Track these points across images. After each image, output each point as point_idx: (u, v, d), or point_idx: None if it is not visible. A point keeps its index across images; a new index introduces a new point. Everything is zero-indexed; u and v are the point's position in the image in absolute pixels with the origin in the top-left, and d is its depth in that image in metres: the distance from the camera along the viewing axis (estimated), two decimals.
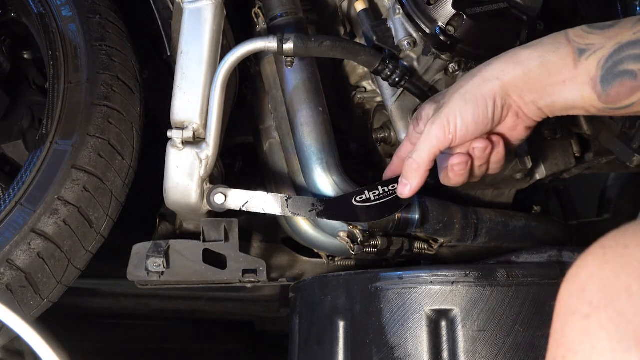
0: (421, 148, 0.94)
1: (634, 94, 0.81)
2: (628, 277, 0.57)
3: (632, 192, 1.65)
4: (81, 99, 1.16)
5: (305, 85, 1.17)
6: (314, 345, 1.12)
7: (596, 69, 0.82)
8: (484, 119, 0.90)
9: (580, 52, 0.83)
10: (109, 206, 1.14)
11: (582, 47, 0.83)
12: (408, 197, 1.01)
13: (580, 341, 0.58)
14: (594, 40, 0.83)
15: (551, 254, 1.10)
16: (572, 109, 0.87)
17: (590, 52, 0.83)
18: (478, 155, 0.94)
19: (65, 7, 1.24)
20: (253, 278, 1.16)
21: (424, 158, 0.94)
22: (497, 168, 0.98)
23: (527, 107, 0.89)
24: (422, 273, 1.02)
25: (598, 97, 0.83)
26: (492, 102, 0.89)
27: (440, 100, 0.94)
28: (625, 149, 1.09)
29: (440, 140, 0.92)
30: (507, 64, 0.89)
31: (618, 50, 0.80)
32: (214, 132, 1.05)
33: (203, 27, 1.05)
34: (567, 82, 0.84)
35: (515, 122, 0.92)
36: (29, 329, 0.80)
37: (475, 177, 0.99)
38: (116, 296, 1.79)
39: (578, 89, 0.84)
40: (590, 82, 0.82)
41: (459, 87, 0.92)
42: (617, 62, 0.80)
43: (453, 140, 0.92)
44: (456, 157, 0.95)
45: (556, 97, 0.86)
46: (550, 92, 0.86)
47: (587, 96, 0.83)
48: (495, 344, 0.98)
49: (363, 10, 1.14)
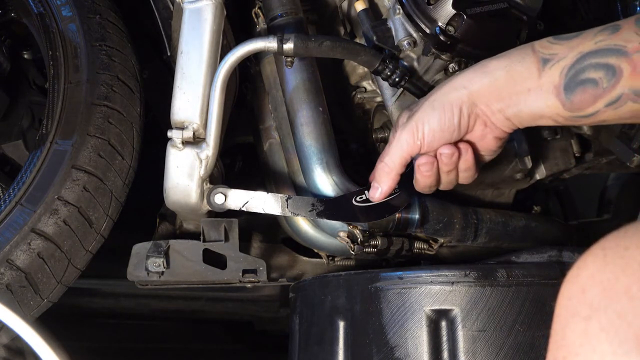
0: (392, 153, 0.98)
1: (596, 101, 0.82)
2: (628, 279, 0.57)
3: (632, 192, 1.65)
4: (81, 99, 1.16)
5: (305, 85, 1.17)
6: (314, 345, 1.12)
7: (559, 78, 0.84)
8: (449, 126, 0.93)
9: (544, 62, 0.86)
10: (109, 206, 1.14)
11: (546, 57, 0.86)
12: (379, 201, 1.04)
13: (580, 343, 0.58)
14: (558, 50, 0.85)
15: (551, 254, 1.10)
16: (539, 119, 0.89)
17: (554, 61, 0.85)
18: (445, 161, 0.96)
19: (65, 7, 1.24)
20: (253, 278, 1.16)
21: (395, 162, 0.98)
22: (468, 177, 1.00)
23: (494, 116, 0.91)
24: (422, 273, 1.02)
25: (562, 105, 0.85)
26: (457, 110, 0.92)
27: (414, 108, 0.98)
28: (625, 149, 1.09)
29: (410, 145, 0.95)
30: (475, 74, 0.91)
31: (580, 59, 0.83)
32: (214, 132, 1.05)
33: (203, 27, 1.05)
34: (532, 91, 0.86)
35: (483, 132, 0.94)
36: (29, 329, 0.80)
37: (445, 183, 1.01)
38: (116, 296, 1.79)
39: (543, 98, 0.86)
40: (554, 90, 0.85)
41: (429, 95, 0.96)
42: (579, 71, 0.83)
43: (422, 146, 0.95)
44: (423, 157, 0.97)
45: (522, 106, 0.88)
46: (516, 101, 0.88)
47: (552, 105, 0.85)
48: (495, 344, 0.98)
49: (363, 10, 1.14)
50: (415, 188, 1.03)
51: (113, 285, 1.75)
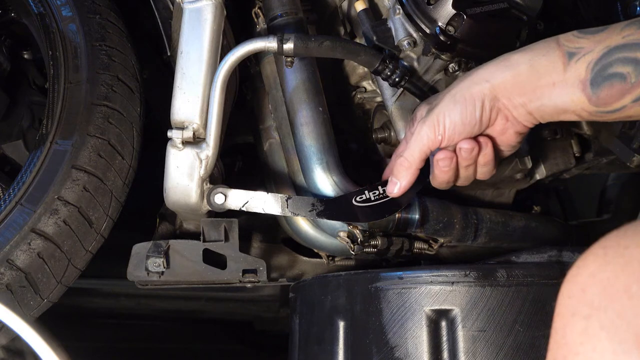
0: (412, 147, 0.96)
1: (623, 96, 0.81)
2: (628, 278, 0.57)
3: (632, 192, 1.64)
4: (81, 99, 1.16)
5: (305, 85, 1.17)
6: (314, 345, 1.12)
7: (586, 72, 0.83)
8: (471, 120, 0.91)
9: (570, 56, 0.84)
10: (109, 206, 1.14)
11: (571, 51, 0.84)
12: (397, 196, 1.02)
13: (580, 342, 0.58)
14: (584, 44, 0.84)
15: (551, 254, 1.10)
16: (563, 113, 0.87)
17: (580, 55, 0.83)
18: (464, 155, 0.95)
19: (65, 7, 1.24)
20: (253, 278, 1.16)
21: (415, 157, 0.96)
22: (486, 172, 0.99)
23: (516, 110, 0.90)
24: (422, 273, 1.02)
25: (588, 99, 0.83)
26: (480, 104, 0.90)
27: (433, 102, 0.96)
28: (625, 149, 1.09)
29: (430, 139, 0.94)
30: (498, 67, 0.90)
31: (607, 54, 0.81)
32: (214, 132, 1.05)
33: (203, 27, 1.05)
34: (556, 85, 0.85)
35: (504, 126, 0.93)
36: (29, 329, 0.80)
37: (463, 179, 1.00)
38: (116, 296, 1.79)
39: (568, 92, 0.84)
40: (580, 84, 0.83)
41: (450, 88, 0.94)
42: (606, 65, 0.81)
43: (442, 140, 0.93)
44: (441, 152, 0.96)
45: (545, 100, 0.87)
46: (539, 94, 0.87)
47: (577, 99, 0.84)
48: (495, 344, 0.98)
49: (363, 10, 1.14)
50: (431, 184, 1.01)
51: (113, 285, 1.75)
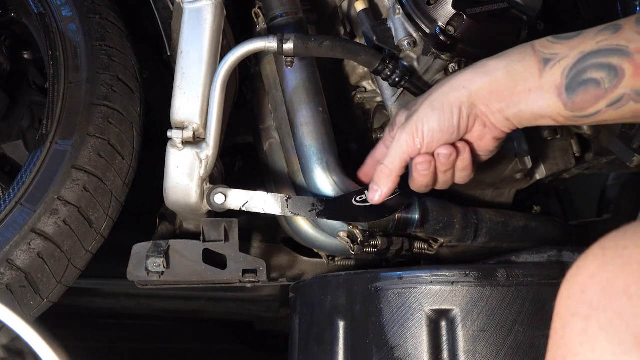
0: (392, 154, 0.97)
1: (598, 101, 0.82)
2: (627, 278, 0.57)
3: (632, 192, 1.64)
4: (81, 99, 1.16)
5: (305, 85, 1.17)
6: (314, 346, 1.12)
7: (561, 78, 0.84)
8: (449, 127, 0.92)
9: (545, 62, 0.85)
10: (109, 206, 1.14)
11: (547, 57, 0.85)
12: (378, 203, 1.02)
13: (580, 342, 0.58)
14: (559, 50, 0.85)
15: (551, 254, 1.10)
16: (540, 119, 0.88)
17: (555, 61, 0.84)
18: (443, 161, 0.96)
19: (65, 7, 1.24)
20: (253, 278, 1.16)
21: (395, 165, 0.97)
22: (464, 176, 0.99)
23: (494, 116, 0.91)
24: (422, 273, 1.02)
25: (564, 105, 0.84)
26: (457, 110, 0.91)
27: (412, 108, 0.97)
28: (625, 149, 1.09)
29: (410, 146, 0.95)
30: (475, 74, 0.91)
31: (581, 59, 0.82)
32: (214, 132, 1.05)
33: (203, 27, 1.05)
34: (532, 91, 0.86)
35: (482, 132, 0.94)
36: (29, 329, 0.80)
37: (441, 182, 1.00)
38: (116, 296, 1.79)
39: (544, 98, 0.85)
40: (556, 90, 0.84)
41: (428, 94, 0.95)
42: (580, 71, 0.82)
43: (421, 147, 0.94)
44: (420, 157, 0.96)
45: (522, 107, 0.88)
46: (516, 101, 0.88)
47: (553, 105, 0.85)
48: (495, 344, 0.98)
49: (363, 10, 1.14)
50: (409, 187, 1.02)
51: (113, 285, 1.75)
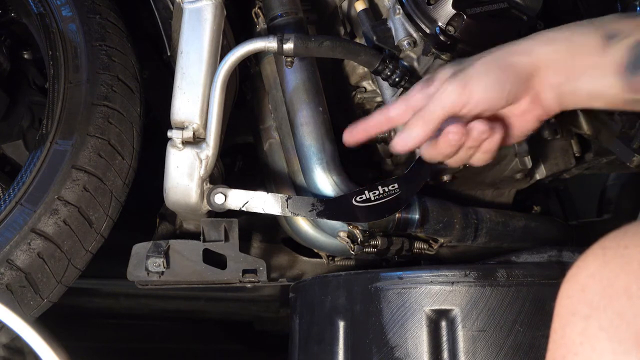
0: (435, 103, 0.86)
1: None
2: (628, 277, 0.57)
3: (632, 192, 1.64)
4: (81, 99, 1.16)
5: (305, 85, 1.17)
6: (314, 345, 1.12)
7: (624, 55, 0.78)
8: (499, 92, 0.84)
9: (609, 37, 0.80)
10: (109, 206, 1.14)
11: (611, 32, 0.80)
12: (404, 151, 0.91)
13: (580, 342, 0.58)
14: (624, 27, 0.80)
15: (551, 254, 1.10)
16: (594, 100, 0.83)
17: (620, 37, 0.79)
18: (474, 136, 0.87)
19: (65, 7, 1.24)
20: (253, 278, 1.16)
21: (437, 114, 0.86)
22: (483, 159, 0.92)
23: (547, 92, 0.85)
24: (422, 273, 1.02)
25: (624, 84, 0.79)
26: (513, 76, 0.84)
27: (461, 65, 0.88)
28: (625, 149, 1.09)
29: (455, 102, 0.85)
30: (536, 43, 0.85)
31: None
32: (214, 132, 1.05)
33: (203, 27, 1.05)
34: (593, 67, 0.81)
35: (527, 108, 0.87)
36: (29, 329, 0.80)
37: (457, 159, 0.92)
38: (116, 296, 1.79)
39: (604, 76, 0.80)
40: (618, 68, 0.79)
41: (484, 55, 0.87)
42: None
43: (465, 106, 0.85)
44: (454, 125, 0.87)
45: (580, 84, 0.82)
46: (576, 75, 0.82)
47: (613, 85, 0.79)
48: (495, 344, 0.98)
49: (363, 10, 1.14)
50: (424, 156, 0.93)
51: (113, 285, 1.75)
